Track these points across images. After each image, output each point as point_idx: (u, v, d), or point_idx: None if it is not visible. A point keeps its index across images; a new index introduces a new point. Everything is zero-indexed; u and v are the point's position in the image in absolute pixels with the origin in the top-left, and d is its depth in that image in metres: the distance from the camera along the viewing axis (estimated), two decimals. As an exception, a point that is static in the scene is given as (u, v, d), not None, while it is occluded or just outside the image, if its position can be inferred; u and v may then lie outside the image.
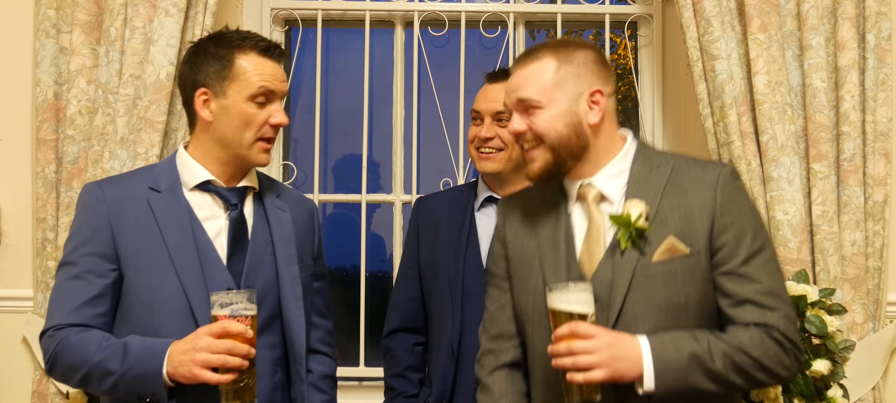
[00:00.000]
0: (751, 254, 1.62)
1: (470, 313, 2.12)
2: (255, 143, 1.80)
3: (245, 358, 1.63)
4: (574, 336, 1.55)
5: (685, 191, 1.65)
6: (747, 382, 1.59)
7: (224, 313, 1.63)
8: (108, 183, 1.86)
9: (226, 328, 1.62)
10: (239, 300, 1.64)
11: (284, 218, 1.90)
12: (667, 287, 1.61)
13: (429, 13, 2.97)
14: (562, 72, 1.68)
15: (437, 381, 2.12)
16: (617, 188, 1.70)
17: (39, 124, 2.49)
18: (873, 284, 2.47)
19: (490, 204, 2.23)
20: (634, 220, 1.61)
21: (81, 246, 1.76)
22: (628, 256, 1.62)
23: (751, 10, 2.46)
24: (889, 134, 2.47)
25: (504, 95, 1.76)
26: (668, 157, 1.72)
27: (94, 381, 1.71)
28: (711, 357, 1.55)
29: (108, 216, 1.76)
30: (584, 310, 1.58)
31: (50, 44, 2.50)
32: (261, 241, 1.84)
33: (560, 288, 1.59)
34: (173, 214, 1.78)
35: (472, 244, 2.17)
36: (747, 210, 1.66)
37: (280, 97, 1.82)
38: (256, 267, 1.82)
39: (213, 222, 1.81)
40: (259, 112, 1.79)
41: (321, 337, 2.00)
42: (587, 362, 1.54)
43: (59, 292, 1.77)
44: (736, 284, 1.61)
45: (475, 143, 2.18)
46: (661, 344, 1.56)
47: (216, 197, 1.83)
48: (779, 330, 1.58)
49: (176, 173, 1.83)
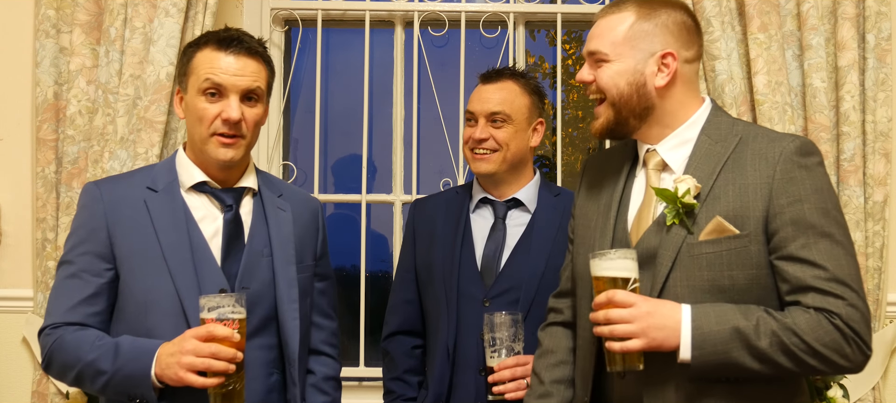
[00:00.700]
0: (813, 238, 1.49)
1: (465, 315, 2.11)
2: (210, 139, 1.75)
3: (231, 362, 1.60)
4: (612, 304, 1.52)
5: (744, 167, 1.56)
6: (798, 366, 1.48)
7: (211, 316, 1.61)
8: (107, 182, 1.85)
9: (211, 332, 1.60)
10: (227, 303, 1.62)
11: (284, 218, 1.87)
12: (711, 268, 1.53)
13: (429, 13, 2.97)
14: (636, 28, 1.63)
15: (434, 383, 2.12)
16: (680, 158, 1.63)
17: (39, 124, 2.49)
18: (873, 284, 2.47)
19: (485, 205, 2.22)
20: (681, 196, 1.54)
21: (79, 245, 1.76)
22: (675, 232, 1.56)
23: (751, 10, 2.46)
24: (889, 134, 2.47)
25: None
26: (738, 129, 1.62)
27: (86, 380, 1.71)
28: (758, 334, 1.46)
29: (104, 215, 1.75)
30: (625, 275, 1.53)
31: (50, 44, 2.50)
32: (258, 242, 1.82)
33: (601, 254, 1.55)
34: (169, 214, 1.76)
35: (466, 246, 2.17)
36: (812, 189, 1.52)
37: (237, 92, 1.75)
38: (252, 269, 1.80)
39: (208, 223, 1.80)
40: (209, 106, 1.74)
41: (324, 338, 1.98)
42: (624, 331, 1.50)
43: (56, 290, 1.77)
44: (795, 269, 1.50)
45: (469, 144, 2.17)
46: (704, 315, 1.49)
47: (212, 197, 1.82)
48: (841, 318, 1.46)
49: (174, 173, 1.82)
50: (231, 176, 1.84)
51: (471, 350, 2.09)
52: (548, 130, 3.39)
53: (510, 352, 1.97)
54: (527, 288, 2.08)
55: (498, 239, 2.15)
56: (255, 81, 1.78)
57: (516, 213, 2.19)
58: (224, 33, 1.80)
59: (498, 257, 2.13)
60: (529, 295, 2.08)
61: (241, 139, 1.77)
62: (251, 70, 1.77)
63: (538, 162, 3.58)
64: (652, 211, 1.62)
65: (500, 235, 2.16)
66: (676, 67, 1.63)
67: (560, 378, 1.79)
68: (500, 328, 1.97)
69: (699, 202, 1.56)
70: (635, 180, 1.71)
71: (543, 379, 1.80)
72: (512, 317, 1.98)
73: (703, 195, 1.56)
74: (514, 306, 2.07)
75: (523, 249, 2.13)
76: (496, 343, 1.98)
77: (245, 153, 1.81)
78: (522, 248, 2.13)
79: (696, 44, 1.68)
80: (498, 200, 2.19)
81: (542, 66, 3.44)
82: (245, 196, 1.86)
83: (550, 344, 1.83)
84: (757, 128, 1.65)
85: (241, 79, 1.75)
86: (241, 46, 1.77)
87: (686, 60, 1.65)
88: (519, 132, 2.15)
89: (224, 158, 1.77)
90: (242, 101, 1.76)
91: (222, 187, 1.83)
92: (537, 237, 2.13)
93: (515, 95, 2.16)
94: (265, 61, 1.83)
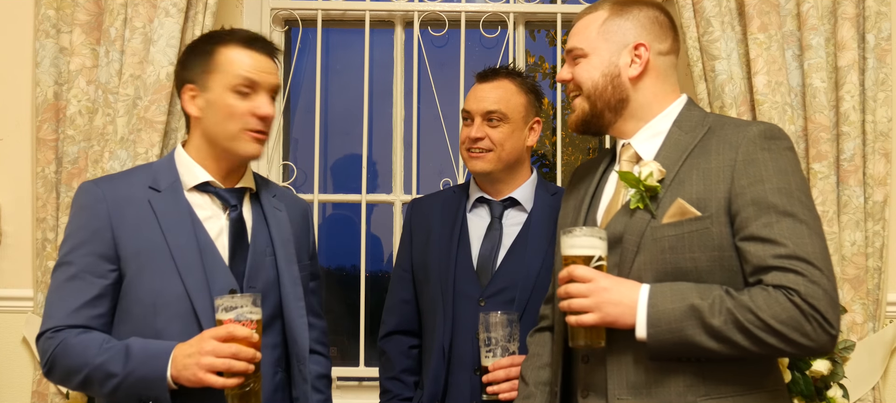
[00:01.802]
0: (774, 217, 1.48)
1: (461, 315, 2.11)
2: (241, 134, 1.77)
3: (250, 362, 1.61)
4: (573, 279, 1.54)
5: (709, 153, 1.58)
6: (756, 345, 1.45)
7: (229, 317, 1.61)
8: (106, 181, 1.82)
9: (231, 332, 1.60)
10: (244, 303, 1.62)
11: (282, 218, 1.89)
12: (673, 251, 1.54)
13: (429, 13, 2.97)
14: (609, 23, 1.69)
15: (429, 383, 2.12)
16: (652, 148, 1.65)
17: (39, 124, 2.49)
18: (873, 284, 2.47)
19: (481, 204, 2.21)
20: (643, 178, 1.57)
21: (80, 246, 1.73)
22: (638, 217, 1.58)
23: (751, 10, 2.46)
24: (889, 134, 2.47)
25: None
26: (709, 120, 1.65)
27: (94, 384, 1.68)
28: (712, 311, 1.45)
29: (108, 215, 1.73)
30: (588, 253, 1.54)
31: (50, 44, 2.50)
32: (261, 242, 1.84)
33: (568, 231, 1.58)
34: (175, 214, 1.76)
35: (462, 245, 2.16)
36: (774, 171, 1.52)
37: (267, 89, 1.79)
38: (258, 268, 1.81)
39: (213, 223, 1.80)
40: (241, 103, 1.76)
41: (317, 337, 1.99)
42: (580, 305, 1.52)
43: (56, 293, 1.74)
44: (757, 248, 1.48)
45: (466, 144, 2.17)
46: (660, 293, 1.50)
47: (215, 197, 1.82)
48: (799, 294, 1.43)
49: (175, 172, 1.81)
50: (233, 176, 1.85)
51: (466, 350, 2.09)
52: (547, 130, 3.39)
53: (505, 352, 1.97)
54: (522, 288, 2.08)
55: (494, 239, 2.15)
56: (277, 80, 1.83)
57: (513, 213, 2.19)
58: (244, 33, 1.82)
59: (494, 256, 2.13)
60: (525, 294, 2.07)
61: (265, 136, 1.81)
62: (275, 69, 1.83)
63: (538, 162, 3.58)
64: (620, 199, 1.64)
65: (496, 234, 2.16)
66: (649, 58, 1.67)
67: (544, 380, 1.80)
68: (495, 327, 1.97)
69: (663, 187, 1.57)
70: (609, 176, 1.74)
71: (528, 381, 1.82)
72: (507, 317, 1.98)
73: (668, 180, 1.58)
74: (509, 305, 2.06)
75: (519, 248, 2.13)
76: (491, 343, 1.98)
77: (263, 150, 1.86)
78: (518, 248, 2.13)
79: (668, 38, 1.72)
80: (494, 199, 2.19)
81: (542, 65, 3.44)
82: (244, 196, 1.87)
83: (536, 349, 1.86)
84: (728, 118, 1.67)
85: (271, 77, 1.80)
86: (267, 46, 1.82)
87: (659, 52, 1.69)
88: (515, 131, 2.15)
89: (255, 154, 1.80)
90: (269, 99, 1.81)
91: (225, 187, 1.83)
92: (533, 236, 2.13)
93: (511, 94, 2.16)
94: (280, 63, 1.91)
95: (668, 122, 1.67)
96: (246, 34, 1.82)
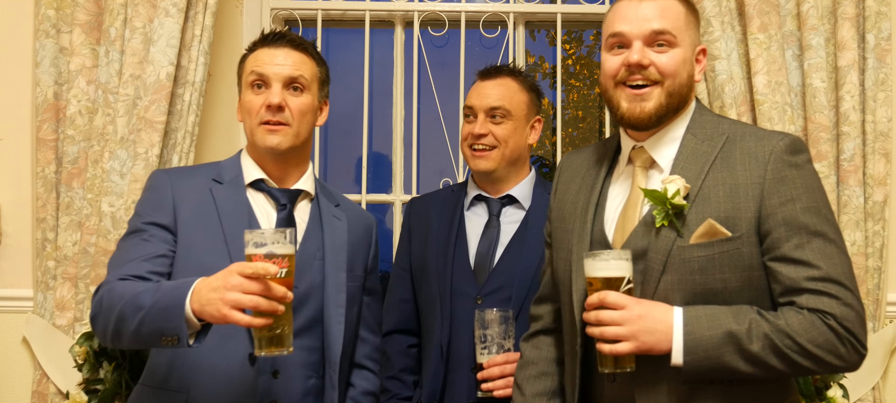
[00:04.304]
0: (806, 238, 1.47)
1: (459, 314, 2.10)
2: (258, 128, 1.81)
3: (281, 302, 1.46)
4: (604, 305, 1.49)
5: (734, 167, 1.53)
6: (791, 368, 1.46)
7: (259, 252, 1.47)
8: (174, 171, 1.94)
9: (259, 269, 1.44)
10: (276, 240, 1.48)
11: (340, 226, 1.90)
12: (703, 272, 1.50)
13: (429, 13, 2.97)
14: (690, 17, 1.62)
15: (428, 381, 2.12)
16: (669, 155, 1.60)
17: (39, 124, 2.49)
18: (873, 284, 2.47)
19: (479, 202, 2.21)
20: (670, 197, 1.51)
21: (146, 214, 1.78)
22: (664, 235, 1.52)
23: (751, 10, 2.46)
24: (889, 134, 2.47)
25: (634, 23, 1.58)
26: (724, 127, 1.60)
27: (126, 319, 1.57)
28: (750, 337, 1.44)
29: (172, 195, 1.79)
30: (618, 274, 1.50)
31: (50, 44, 2.50)
32: (311, 245, 1.84)
33: (594, 255, 1.52)
34: (232, 204, 1.81)
35: (460, 244, 2.16)
36: (803, 189, 1.50)
37: (279, 80, 1.81)
38: (303, 270, 1.79)
39: (264, 220, 1.83)
40: (254, 97, 1.82)
41: (367, 353, 1.98)
42: (614, 333, 1.47)
43: (118, 251, 1.76)
44: (789, 270, 1.47)
45: (468, 141, 2.16)
46: (696, 319, 1.47)
47: (268, 196, 1.86)
48: (835, 318, 1.44)
49: (239, 168, 1.87)
50: (287, 176, 1.87)
51: (464, 349, 2.09)
52: (547, 130, 3.39)
53: (501, 349, 1.97)
54: (519, 286, 2.08)
55: (492, 237, 2.15)
56: (297, 70, 1.82)
57: (510, 210, 2.18)
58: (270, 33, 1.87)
59: (491, 254, 2.13)
60: (521, 292, 2.07)
61: (285, 126, 1.81)
62: (293, 60, 1.83)
63: (538, 163, 3.58)
64: (638, 212, 1.59)
65: (494, 232, 2.15)
66: (704, 64, 1.65)
67: (542, 391, 1.75)
68: (490, 325, 1.97)
69: (688, 202, 1.53)
70: (614, 179, 1.69)
71: (524, 392, 1.76)
72: (502, 314, 1.98)
73: (692, 195, 1.53)
74: (506, 304, 2.06)
75: (516, 247, 2.12)
76: (487, 340, 1.97)
77: (293, 142, 1.82)
78: (516, 246, 2.13)
79: None
80: (492, 197, 2.19)
81: (542, 65, 3.45)
82: (301, 199, 1.88)
83: (531, 355, 1.80)
84: (743, 126, 1.62)
85: (283, 68, 1.81)
86: (284, 39, 1.85)
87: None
88: (518, 128, 2.15)
89: (270, 144, 1.80)
90: (286, 90, 1.81)
91: (279, 187, 1.86)
92: (531, 234, 2.12)
93: (514, 92, 2.16)
94: (311, 55, 1.88)
95: (681, 128, 1.62)
96: (267, 35, 1.87)
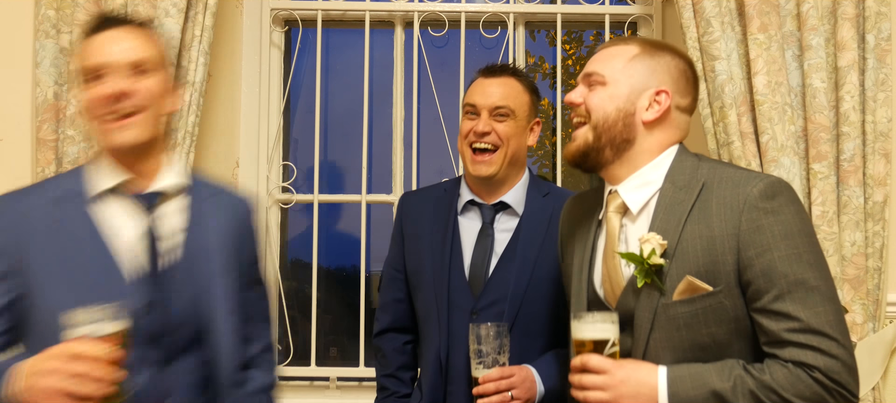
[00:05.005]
0: (785, 288, 1.45)
1: (455, 327, 2.07)
2: (101, 126, 1.59)
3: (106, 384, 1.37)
4: (586, 370, 1.50)
5: (710, 218, 1.51)
6: None
7: (80, 333, 1.39)
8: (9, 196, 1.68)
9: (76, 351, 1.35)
10: (98, 317, 1.40)
11: (214, 224, 1.69)
12: (689, 328, 1.51)
13: (429, 13, 2.97)
14: (638, 60, 1.62)
15: (427, 392, 2.10)
16: (640, 199, 1.60)
17: (39, 124, 2.49)
18: (873, 284, 2.47)
19: (472, 208, 2.15)
20: (646, 257, 1.51)
21: None
22: (647, 294, 1.53)
23: (751, 10, 2.46)
24: (889, 134, 2.47)
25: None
26: (702, 172, 1.58)
27: None
28: (735, 395, 1.44)
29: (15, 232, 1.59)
30: (602, 337, 1.50)
31: (50, 44, 2.50)
32: (186, 251, 1.64)
33: (580, 317, 1.53)
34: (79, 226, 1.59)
35: (455, 254, 2.11)
36: (781, 236, 1.47)
37: (116, 69, 1.57)
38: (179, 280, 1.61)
39: (125, 232, 1.60)
40: (92, 93, 1.58)
41: (260, 348, 1.80)
42: (597, 398, 1.48)
43: None
44: (770, 322, 1.46)
45: (469, 139, 2.09)
46: (679, 379, 1.47)
47: (128, 203, 1.63)
48: (820, 371, 1.42)
49: (81, 181, 1.64)
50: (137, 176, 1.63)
51: (462, 361, 2.05)
52: (547, 130, 3.39)
53: (495, 364, 1.93)
54: (512, 299, 2.04)
55: (486, 246, 2.10)
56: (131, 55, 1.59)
57: (504, 217, 2.13)
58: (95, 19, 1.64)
59: (486, 266, 2.09)
60: (515, 305, 2.04)
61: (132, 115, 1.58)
62: (122, 38, 1.60)
63: (537, 162, 3.58)
64: (619, 267, 1.59)
65: (488, 242, 2.11)
66: (669, 107, 1.61)
67: None
68: (485, 339, 1.93)
69: (667, 259, 1.52)
70: (601, 231, 1.68)
71: None
72: (497, 329, 1.94)
73: (671, 250, 1.52)
74: (499, 317, 2.03)
75: (509, 257, 2.08)
76: (482, 355, 1.93)
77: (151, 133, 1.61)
78: (508, 256, 2.08)
79: (690, 95, 1.66)
80: (485, 204, 2.14)
81: (542, 66, 3.44)
82: (166, 200, 1.66)
83: None
84: (722, 169, 1.58)
85: (112, 56, 1.57)
86: (113, 20, 1.63)
87: (678, 106, 1.63)
88: (520, 129, 2.11)
89: (119, 142, 1.57)
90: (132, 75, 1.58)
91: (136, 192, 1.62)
92: (523, 243, 2.08)
93: (518, 92, 2.12)
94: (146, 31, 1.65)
95: (660, 173, 1.60)
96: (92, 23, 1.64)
